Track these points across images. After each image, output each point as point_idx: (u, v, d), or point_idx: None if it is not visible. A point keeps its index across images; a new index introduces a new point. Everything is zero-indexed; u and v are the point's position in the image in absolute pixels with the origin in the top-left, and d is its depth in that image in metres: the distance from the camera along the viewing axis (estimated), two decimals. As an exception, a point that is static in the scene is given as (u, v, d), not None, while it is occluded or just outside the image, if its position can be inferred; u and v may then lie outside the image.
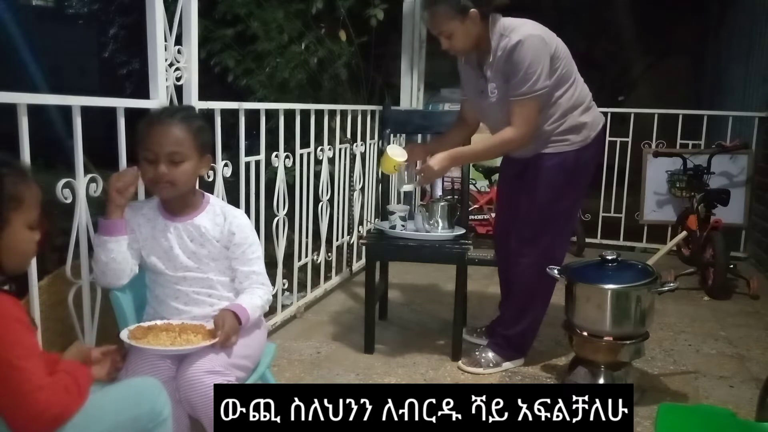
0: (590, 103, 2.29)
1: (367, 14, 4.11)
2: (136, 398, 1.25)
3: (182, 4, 1.95)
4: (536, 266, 2.26)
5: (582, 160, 2.25)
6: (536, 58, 2.08)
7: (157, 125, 1.54)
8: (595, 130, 2.27)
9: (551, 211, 2.26)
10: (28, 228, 1.15)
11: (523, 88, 2.10)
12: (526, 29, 2.12)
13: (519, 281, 2.36)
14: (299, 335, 2.69)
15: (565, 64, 2.18)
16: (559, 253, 2.35)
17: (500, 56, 2.16)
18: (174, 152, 1.53)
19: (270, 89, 4.13)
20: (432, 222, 2.44)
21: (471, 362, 2.38)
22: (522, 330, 2.38)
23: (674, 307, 3.18)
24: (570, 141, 2.23)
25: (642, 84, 7.04)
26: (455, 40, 2.18)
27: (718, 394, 2.24)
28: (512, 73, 2.12)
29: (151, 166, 1.54)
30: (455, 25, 2.14)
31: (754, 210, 4.15)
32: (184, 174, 1.55)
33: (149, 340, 1.44)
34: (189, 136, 1.56)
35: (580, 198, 2.41)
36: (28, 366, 1.06)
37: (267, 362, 1.75)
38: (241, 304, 1.57)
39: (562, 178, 2.24)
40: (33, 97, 1.49)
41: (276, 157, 2.64)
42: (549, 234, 2.29)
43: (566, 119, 2.21)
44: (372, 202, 3.80)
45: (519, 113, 2.14)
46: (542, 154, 2.25)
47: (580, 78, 2.27)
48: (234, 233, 1.63)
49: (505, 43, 2.13)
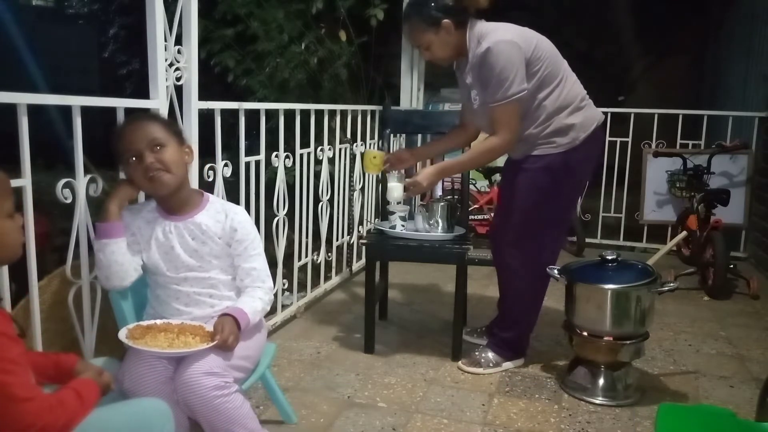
0: (581, 103, 2.21)
1: (367, 14, 4.11)
2: (142, 422, 1.23)
3: (182, 4, 1.95)
4: (523, 269, 2.26)
5: (569, 164, 2.18)
6: (508, 64, 2.04)
7: (128, 126, 1.58)
8: (586, 132, 2.19)
9: (536, 214, 2.22)
10: (8, 218, 1.12)
11: (498, 94, 2.08)
12: (497, 35, 2.08)
13: (508, 284, 2.36)
14: (299, 335, 2.69)
15: (549, 64, 2.13)
16: (546, 257, 2.30)
17: (474, 63, 2.15)
18: (153, 139, 1.55)
19: (270, 89, 4.13)
20: (432, 222, 2.44)
21: (471, 362, 2.38)
22: (516, 332, 2.38)
23: (674, 307, 3.18)
24: (556, 143, 2.17)
25: (642, 84, 7.04)
26: (433, 51, 2.20)
27: (718, 394, 2.24)
28: (486, 79, 2.10)
29: (138, 164, 1.54)
30: (430, 37, 2.16)
31: (754, 210, 4.15)
32: (171, 157, 1.56)
33: (147, 341, 1.44)
34: (160, 125, 1.59)
35: (570, 201, 2.37)
36: (13, 380, 1.03)
37: (267, 362, 1.75)
38: (241, 308, 1.57)
39: (548, 181, 2.19)
40: (33, 97, 1.49)
41: (276, 157, 2.64)
42: (534, 238, 2.25)
43: (552, 121, 2.16)
44: (372, 202, 3.80)
45: (498, 119, 2.12)
46: (530, 157, 2.22)
47: (570, 77, 2.21)
48: (236, 229, 1.64)
49: (479, 50, 2.11)
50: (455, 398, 2.14)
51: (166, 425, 1.26)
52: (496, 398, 2.16)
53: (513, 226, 2.27)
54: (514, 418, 2.03)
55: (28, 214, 1.49)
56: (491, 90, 2.09)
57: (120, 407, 1.28)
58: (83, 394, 1.15)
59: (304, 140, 2.84)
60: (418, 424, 1.96)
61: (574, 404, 2.13)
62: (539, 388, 2.24)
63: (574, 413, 2.07)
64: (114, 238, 1.55)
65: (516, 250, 2.28)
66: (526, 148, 2.22)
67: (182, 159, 1.61)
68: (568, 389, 2.21)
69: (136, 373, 1.45)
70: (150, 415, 1.26)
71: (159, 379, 1.47)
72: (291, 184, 2.81)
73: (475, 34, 2.15)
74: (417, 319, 2.95)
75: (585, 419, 2.03)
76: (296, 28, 4.13)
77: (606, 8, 6.80)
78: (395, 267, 3.21)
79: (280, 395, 1.89)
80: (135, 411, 1.27)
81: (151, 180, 1.55)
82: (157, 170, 1.54)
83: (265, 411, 2.00)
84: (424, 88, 4.58)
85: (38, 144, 1.67)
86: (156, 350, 1.43)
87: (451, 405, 2.10)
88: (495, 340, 2.42)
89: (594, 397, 2.14)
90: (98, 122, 1.90)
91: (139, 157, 1.54)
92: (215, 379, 1.44)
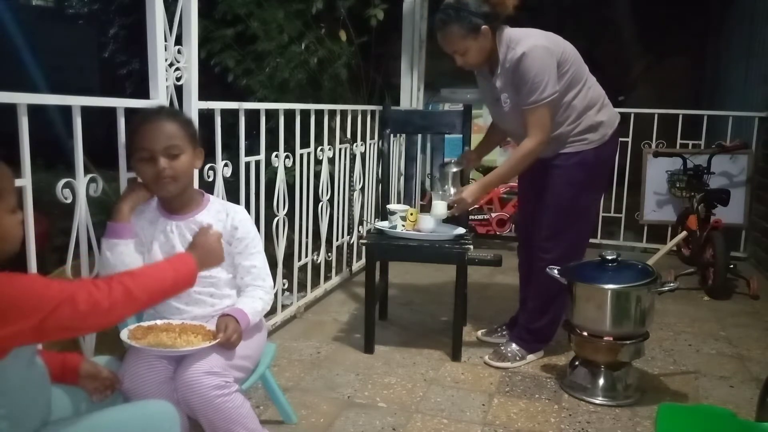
0: (605, 101, 2.34)
1: (367, 14, 4.11)
2: (150, 424, 1.23)
3: (182, 4, 1.95)
4: (560, 261, 2.30)
5: (601, 158, 2.32)
6: (542, 68, 2.13)
7: (148, 123, 1.55)
8: (612, 128, 2.33)
9: (573, 208, 2.32)
10: (10, 213, 1.12)
11: (533, 98, 2.15)
12: (530, 41, 2.16)
13: (538, 276, 2.39)
14: (299, 335, 2.69)
15: (575, 66, 2.23)
16: (581, 249, 2.42)
17: (508, 68, 2.21)
18: (171, 146, 1.54)
19: (270, 89, 4.13)
20: (445, 188, 2.46)
21: (498, 357, 2.42)
22: (547, 322, 2.44)
23: (674, 307, 3.18)
24: (588, 140, 2.29)
25: (642, 84, 7.03)
26: (469, 57, 2.24)
27: (718, 394, 2.24)
28: (520, 84, 2.17)
29: (149, 165, 1.54)
30: (469, 43, 2.20)
31: (754, 210, 4.15)
32: (183, 166, 1.56)
33: (149, 341, 1.44)
34: (181, 129, 1.57)
35: (600, 195, 2.54)
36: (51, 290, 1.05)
37: (267, 362, 1.75)
38: (242, 309, 1.57)
39: (583, 175, 2.30)
40: (33, 97, 1.48)
41: (276, 157, 2.64)
42: (572, 230, 2.35)
43: (582, 119, 2.27)
44: (372, 202, 3.80)
45: (533, 122, 2.19)
46: (562, 154, 2.31)
47: (591, 77, 2.32)
48: (237, 227, 1.64)
49: (512, 55, 2.18)
50: (455, 398, 2.15)
51: (173, 427, 1.26)
52: (496, 398, 2.16)
53: (548, 222, 2.35)
54: (514, 418, 2.03)
55: (28, 214, 1.49)
56: (525, 93, 2.17)
57: (127, 409, 1.28)
58: (128, 281, 1.18)
59: (304, 140, 2.84)
60: (418, 424, 1.97)
61: (574, 404, 2.13)
62: (539, 388, 2.24)
63: (574, 413, 2.07)
64: (124, 239, 1.55)
65: (551, 244, 2.35)
66: (557, 146, 2.30)
67: (193, 165, 1.62)
68: (568, 389, 2.21)
69: (136, 373, 1.45)
70: (158, 417, 1.26)
71: (159, 379, 1.47)
72: (291, 184, 2.81)
73: (505, 40, 2.22)
74: (417, 319, 2.95)
75: (585, 419, 2.03)
76: (296, 28, 4.13)
77: (606, 8, 6.80)
78: (395, 267, 3.21)
79: (280, 395, 1.89)
80: (143, 413, 1.27)
81: (157, 183, 1.55)
82: (169, 177, 1.54)
83: (265, 411, 2.00)
84: (424, 88, 4.58)
85: (38, 144, 1.67)
86: (159, 349, 1.43)
87: (451, 405, 2.10)
88: (521, 332, 2.47)
89: (594, 397, 2.14)
90: (98, 122, 1.90)
91: (152, 159, 1.53)
92: (215, 379, 1.44)
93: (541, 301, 2.42)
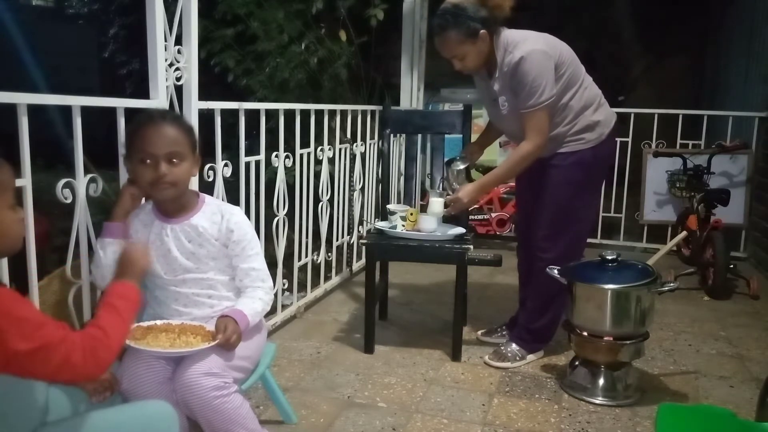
0: (601, 100, 2.34)
1: (367, 14, 4.11)
2: (148, 424, 1.23)
3: (182, 4, 1.95)
4: (559, 261, 2.30)
5: (599, 157, 2.33)
6: (540, 72, 2.13)
7: (151, 126, 1.53)
8: (609, 127, 2.33)
9: (571, 207, 2.32)
10: (10, 210, 1.11)
11: (531, 101, 2.16)
12: (528, 45, 2.16)
13: (543, 276, 2.38)
14: (299, 335, 2.69)
15: (571, 67, 2.23)
16: (579, 248, 2.43)
17: (506, 72, 2.22)
18: (173, 152, 1.53)
19: (270, 89, 4.13)
20: (454, 186, 2.46)
21: (497, 357, 2.43)
22: (547, 322, 2.44)
23: (674, 307, 3.18)
24: (585, 139, 2.30)
25: (642, 84, 7.03)
26: (468, 61, 2.25)
27: (718, 394, 2.24)
28: (518, 87, 2.18)
29: (149, 168, 1.52)
30: (467, 48, 2.21)
31: (754, 210, 4.15)
32: (183, 173, 1.56)
33: (149, 341, 1.44)
34: (183, 136, 1.56)
35: (598, 194, 2.55)
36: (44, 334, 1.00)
37: (267, 362, 1.75)
38: (241, 310, 1.56)
39: (581, 175, 2.31)
40: (33, 97, 1.48)
41: (276, 157, 2.64)
42: (570, 230, 2.35)
43: (579, 119, 2.28)
44: (372, 202, 3.80)
45: (531, 125, 2.20)
46: (559, 154, 2.31)
47: (588, 78, 2.32)
48: (233, 230, 1.63)
49: (510, 59, 2.18)
50: (455, 398, 2.15)
51: (172, 428, 1.25)
52: (496, 398, 2.16)
53: (546, 221, 2.36)
54: (514, 418, 2.03)
55: (28, 214, 1.49)
56: (523, 97, 2.17)
57: (126, 409, 1.28)
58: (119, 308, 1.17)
59: (304, 140, 2.84)
60: (418, 424, 1.96)
61: (574, 404, 2.13)
62: (539, 388, 2.24)
63: (574, 413, 2.07)
64: (117, 239, 1.55)
65: (550, 243, 2.35)
66: (554, 146, 2.30)
67: (191, 173, 1.61)
68: (568, 389, 2.21)
69: (135, 374, 1.45)
70: (156, 418, 1.25)
71: (157, 379, 1.47)
72: (291, 184, 2.81)
73: (503, 43, 2.22)
74: (417, 319, 2.95)
75: (585, 419, 2.03)
76: (296, 28, 4.13)
77: (606, 8, 6.80)
78: (395, 267, 3.21)
79: (280, 395, 1.89)
80: (141, 414, 1.27)
81: (156, 187, 1.54)
82: (168, 183, 1.53)
83: (265, 411, 2.00)
84: (424, 88, 4.58)
85: (38, 144, 1.67)
86: (159, 350, 1.42)
87: (451, 405, 2.10)
88: (521, 332, 2.47)
89: (594, 397, 2.14)
90: (98, 122, 1.90)
91: (153, 164, 1.51)
92: (214, 380, 1.43)
93: (541, 301, 2.42)
